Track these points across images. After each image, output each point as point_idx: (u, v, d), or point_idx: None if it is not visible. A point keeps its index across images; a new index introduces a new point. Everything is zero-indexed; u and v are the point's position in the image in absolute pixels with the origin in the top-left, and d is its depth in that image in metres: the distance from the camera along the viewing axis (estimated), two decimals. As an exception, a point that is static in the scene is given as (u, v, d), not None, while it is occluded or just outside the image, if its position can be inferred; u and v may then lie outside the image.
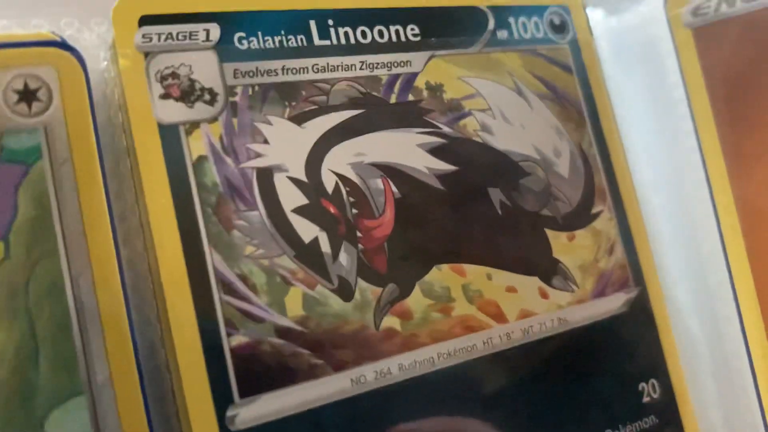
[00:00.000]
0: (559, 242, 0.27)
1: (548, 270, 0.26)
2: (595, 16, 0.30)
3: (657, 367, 0.28)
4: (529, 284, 0.26)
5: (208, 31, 0.22)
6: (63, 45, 0.21)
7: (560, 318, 0.26)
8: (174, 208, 0.21)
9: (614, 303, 0.27)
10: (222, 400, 0.21)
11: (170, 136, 0.21)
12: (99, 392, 0.20)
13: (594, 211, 0.28)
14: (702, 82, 0.28)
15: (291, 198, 0.23)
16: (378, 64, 0.25)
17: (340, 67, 0.24)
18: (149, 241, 0.21)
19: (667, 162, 0.29)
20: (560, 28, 0.29)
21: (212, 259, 0.21)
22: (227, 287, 0.21)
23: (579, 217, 0.27)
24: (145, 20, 0.22)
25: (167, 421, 0.21)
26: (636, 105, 0.30)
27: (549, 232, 0.27)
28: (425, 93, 0.25)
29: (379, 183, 0.24)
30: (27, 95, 0.20)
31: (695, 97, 0.28)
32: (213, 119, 0.22)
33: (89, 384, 0.20)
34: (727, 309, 0.28)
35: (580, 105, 0.28)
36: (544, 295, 0.26)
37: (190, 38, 0.22)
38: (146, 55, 0.21)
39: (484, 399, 0.24)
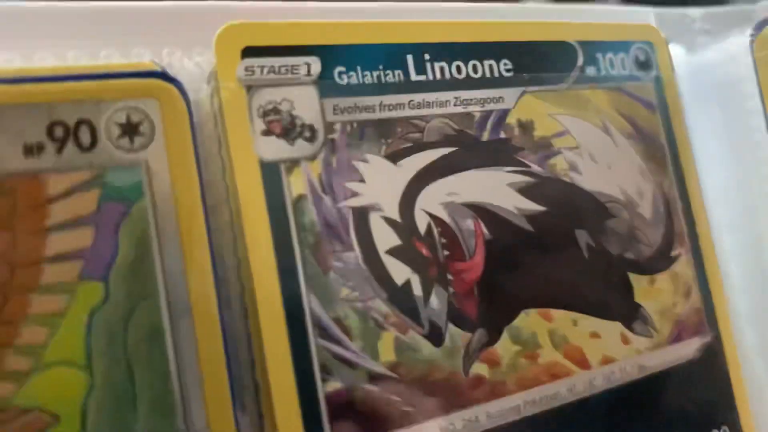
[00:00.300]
0: (640, 286, 0.26)
1: (630, 315, 0.26)
2: (675, 52, 0.29)
3: (728, 413, 0.28)
4: (611, 330, 0.25)
5: (309, 65, 0.22)
6: (165, 76, 0.20)
7: (639, 364, 0.26)
8: (273, 248, 0.20)
9: (690, 348, 0.27)
10: (317, 449, 0.20)
11: (271, 173, 0.21)
12: (196, 440, 0.19)
13: (673, 254, 0.27)
14: (786, 127, 0.27)
15: (385, 239, 0.22)
16: (471, 100, 0.24)
17: (434, 104, 0.24)
18: (247, 281, 0.20)
19: (744, 204, 0.29)
20: (645, 65, 0.28)
21: (309, 301, 0.21)
22: (322, 331, 0.21)
23: (660, 261, 0.27)
24: (248, 52, 0.21)
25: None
26: (713, 145, 0.29)
27: (631, 276, 0.26)
28: (516, 130, 0.25)
29: (470, 224, 0.23)
30: (129, 129, 0.20)
31: (778, 141, 0.27)
32: (313, 157, 0.21)
33: (187, 431, 0.19)
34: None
35: (662, 144, 0.28)
36: (626, 341, 0.26)
37: (291, 72, 0.21)
38: (248, 88, 0.21)
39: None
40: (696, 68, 0.30)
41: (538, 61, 0.26)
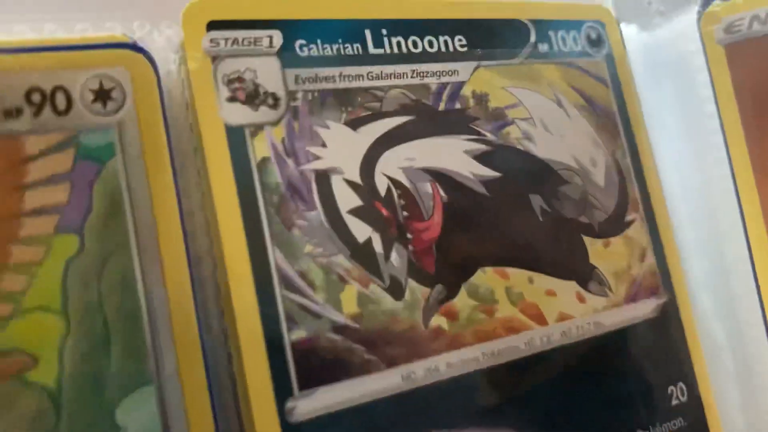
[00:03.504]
0: (595, 248, 0.28)
1: (585, 275, 0.27)
2: (629, 31, 0.31)
3: (684, 371, 0.29)
4: (567, 288, 0.27)
5: (271, 38, 0.23)
6: (135, 47, 0.22)
7: (596, 321, 0.27)
8: (240, 206, 0.22)
9: (645, 308, 0.28)
10: (282, 393, 0.21)
11: (236, 137, 0.22)
12: (167, 382, 0.20)
13: (627, 219, 0.29)
14: (733, 98, 0.29)
15: (347, 199, 0.23)
16: (428, 72, 0.26)
17: (392, 75, 0.25)
18: (215, 237, 0.22)
19: (697, 173, 0.30)
20: (596, 43, 0.30)
21: (274, 256, 0.22)
22: (288, 283, 0.22)
23: (614, 225, 0.28)
24: (213, 25, 0.22)
25: (230, 411, 0.21)
26: (667, 118, 0.31)
27: (586, 239, 0.28)
28: (471, 101, 0.26)
29: (428, 187, 0.25)
30: (102, 94, 0.21)
31: (726, 111, 0.29)
32: (276, 122, 0.23)
33: (158, 374, 0.20)
34: (751, 316, 0.29)
35: (615, 117, 0.30)
36: (581, 300, 0.27)
37: (254, 44, 0.23)
38: (214, 58, 0.22)
39: (521, 398, 0.25)
40: (649, 46, 0.32)
41: (491, 37, 0.27)
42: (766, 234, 0.28)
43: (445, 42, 0.26)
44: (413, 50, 0.26)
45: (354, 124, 0.24)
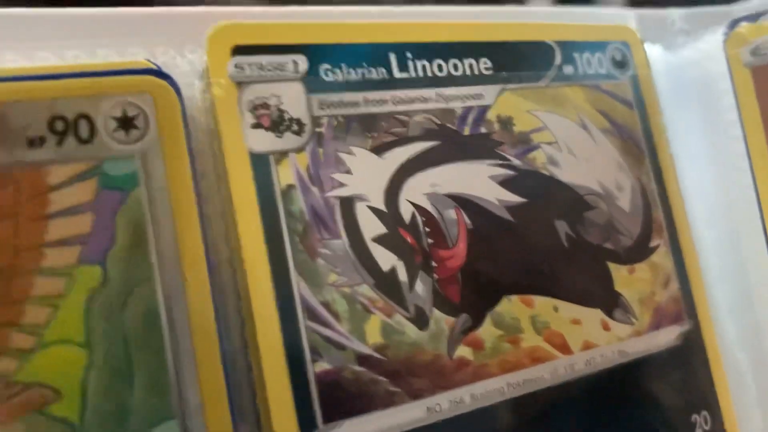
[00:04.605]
0: (619, 275, 0.27)
1: (610, 302, 0.27)
2: (653, 51, 0.31)
3: (708, 400, 0.29)
4: (592, 316, 0.26)
5: (296, 63, 0.23)
6: (159, 73, 0.21)
7: (620, 350, 0.27)
8: (264, 235, 0.21)
9: (669, 336, 0.28)
10: (306, 426, 0.21)
11: (261, 164, 0.22)
12: (190, 417, 0.20)
13: (652, 244, 0.28)
14: (759, 121, 0.28)
15: (371, 227, 0.23)
16: (453, 96, 0.25)
17: (417, 100, 0.25)
18: (239, 268, 0.21)
19: (722, 198, 0.30)
20: (621, 64, 0.29)
21: (298, 286, 0.22)
22: (312, 314, 0.22)
23: (639, 251, 0.28)
24: (238, 50, 0.22)
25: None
26: (692, 141, 0.30)
27: (611, 265, 0.27)
28: (496, 126, 0.26)
29: (452, 214, 0.24)
30: (125, 122, 0.21)
31: (752, 135, 0.29)
32: (300, 149, 0.22)
33: (181, 409, 0.20)
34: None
35: (640, 140, 0.29)
36: (606, 328, 0.27)
37: (279, 69, 0.23)
38: (239, 84, 0.22)
39: (545, 429, 0.25)
40: (673, 67, 0.31)
41: (516, 60, 0.27)
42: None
43: (470, 65, 0.26)
44: (438, 74, 0.25)
45: (379, 149, 0.24)
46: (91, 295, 0.20)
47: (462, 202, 0.25)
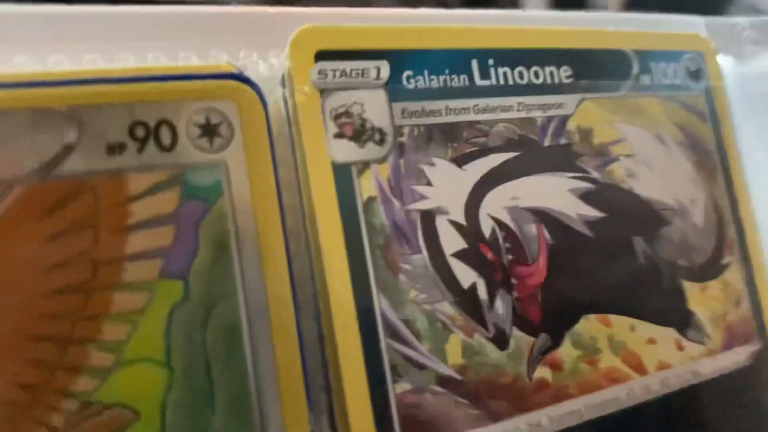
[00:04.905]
0: (693, 293, 0.27)
1: (684, 321, 0.26)
2: (726, 62, 0.30)
3: (777, 422, 0.28)
4: (666, 336, 0.26)
5: (379, 69, 0.22)
6: (242, 78, 0.20)
7: (693, 370, 0.26)
8: (346, 249, 0.20)
9: (740, 356, 0.27)
10: (387, 450, 0.20)
11: (343, 175, 0.21)
12: (272, 440, 0.19)
13: (724, 261, 0.28)
14: (836, 136, 0.27)
15: (451, 242, 0.22)
16: (533, 105, 0.24)
17: (498, 108, 0.24)
18: (320, 284, 0.20)
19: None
20: (696, 75, 0.28)
21: (380, 303, 0.21)
22: (393, 332, 0.21)
23: (711, 268, 0.27)
24: (321, 55, 0.21)
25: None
26: (762, 155, 0.30)
27: (685, 283, 0.26)
28: (576, 136, 0.25)
29: (533, 229, 0.23)
30: (209, 130, 0.20)
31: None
32: (382, 160, 0.21)
33: (262, 431, 0.19)
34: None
35: (713, 154, 0.28)
36: (680, 347, 0.26)
37: (362, 76, 0.21)
38: (322, 92, 0.21)
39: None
40: (744, 78, 0.30)
41: (595, 68, 0.26)
42: None
43: (551, 72, 0.25)
44: (519, 81, 0.24)
45: (459, 160, 0.23)
46: (172, 311, 0.19)
47: (542, 216, 0.24)
